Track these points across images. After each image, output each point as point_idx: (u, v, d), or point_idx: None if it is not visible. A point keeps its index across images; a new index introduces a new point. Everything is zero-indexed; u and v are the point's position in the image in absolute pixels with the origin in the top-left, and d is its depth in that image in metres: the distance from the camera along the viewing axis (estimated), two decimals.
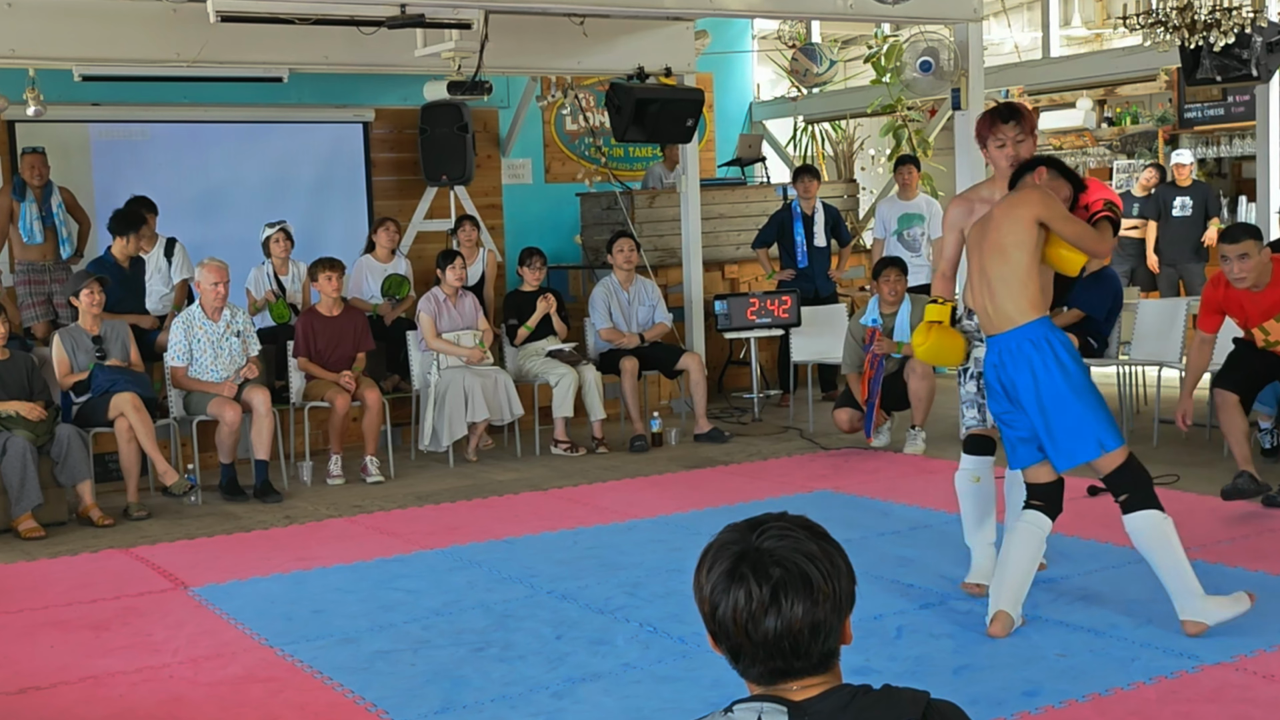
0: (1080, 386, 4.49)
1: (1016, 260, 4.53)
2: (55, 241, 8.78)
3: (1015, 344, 4.53)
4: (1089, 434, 4.47)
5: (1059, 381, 4.47)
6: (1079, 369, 4.52)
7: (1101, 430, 4.48)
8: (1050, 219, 4.53)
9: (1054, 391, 4.47)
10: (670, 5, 8.42)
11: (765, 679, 1.82)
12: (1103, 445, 4.48)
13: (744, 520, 1.87)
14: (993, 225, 4.64)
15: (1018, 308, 4.53)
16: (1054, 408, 4.47)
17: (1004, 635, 4.54)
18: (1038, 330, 4.52)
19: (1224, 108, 12.05)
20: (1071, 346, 4.56)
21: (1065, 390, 4.47)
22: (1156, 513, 4.47)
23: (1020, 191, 4.68)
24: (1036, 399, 4.49)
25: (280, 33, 7.97)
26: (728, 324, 9.58)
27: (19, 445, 6.79)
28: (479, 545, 6.25)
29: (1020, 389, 4.54)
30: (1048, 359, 4.48)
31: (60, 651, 4.88)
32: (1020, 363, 4.52)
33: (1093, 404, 4.49)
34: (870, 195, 13.08)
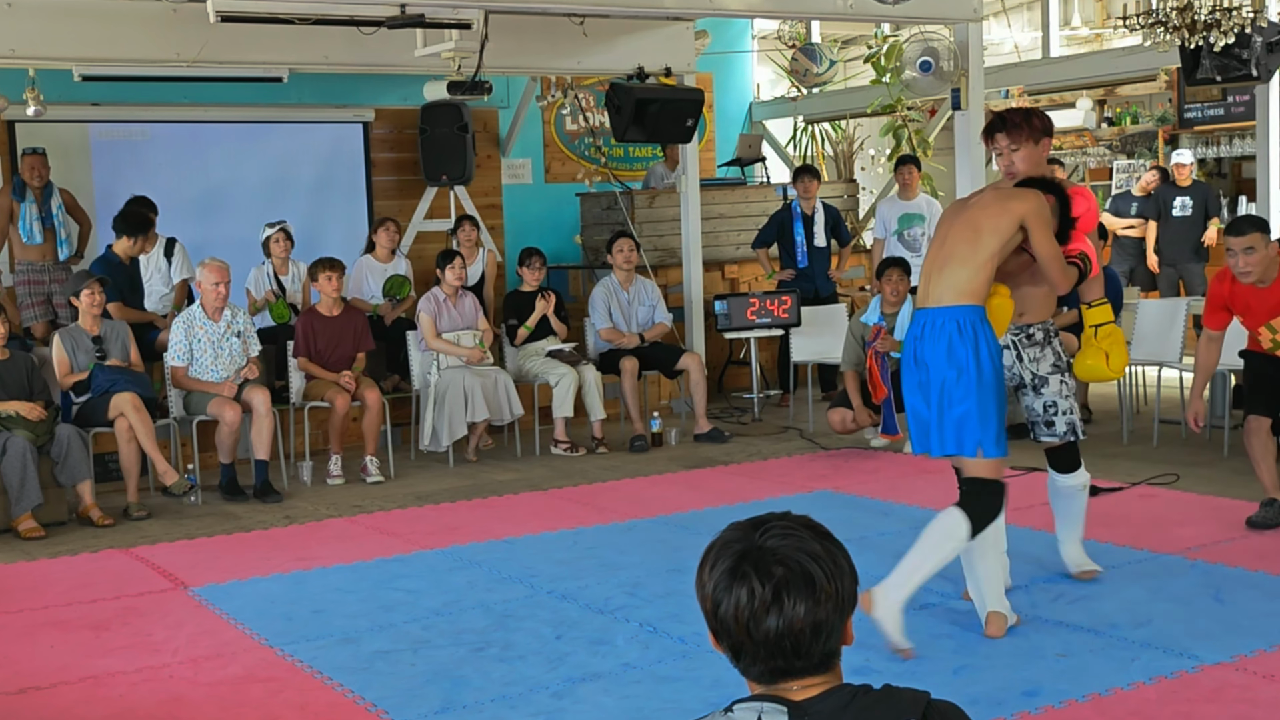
0: (987, 385, 4.44)
1: (984, 244, 4.47)
2: (54, 242, 8.79)
3: (941, 320, 4.48)
4: (976, 431, 4.44)
5: (970, 371, 4.42)
6: (993, 370, 4.46)
7: (988, 435, 4.45)
8: (1035, 227, 4.49)
9: (965, 377, 4.42)
10: (670, 5, 8.42)
11: (766, 678, 1.82)
12: (983, 449, 4.47)
13: (747, 519, 1.87)
14: (977, 204, 4.62)
15: (958, 289, 4.47)
16: (955, 393, 4.43)
17: (1002, 634, 4.53)
18: (967, 315, 4.46)
19: (1224, 108, 12.05)
20: (996, 345, 4.50)
21: (972, 382, 4.42)
22: (966, 529, 4.40)
23: (1023, 188, 4.65)
24: (941, 379, 4.45)
25: (280, 33, 7.97)
26: (728, 324, 9.58)
27: (19, 445, 6.79)
28: (479, 545, 6.24)
29: (931, 366, 4.48)
30: (968, 346, 4.42)
31: (60, 651, 4.88)
32: (939, 340, 4.46)
33: (991, 407, 4.45)
34: (870, 195, 13.09)
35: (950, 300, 4.48)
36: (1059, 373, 4.91)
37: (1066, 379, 4.94)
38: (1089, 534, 5.89)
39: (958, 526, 4.42)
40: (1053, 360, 4.91)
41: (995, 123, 4.85)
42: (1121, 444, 8.15)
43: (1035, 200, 4.55)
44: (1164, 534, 5.92)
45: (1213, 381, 8.53)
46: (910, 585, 4.42)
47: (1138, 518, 6.27)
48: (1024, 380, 4.93)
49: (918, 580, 4.44)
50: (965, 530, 4.42)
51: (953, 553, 4.45)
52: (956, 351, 4.43)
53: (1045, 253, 4.52)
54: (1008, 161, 4.80)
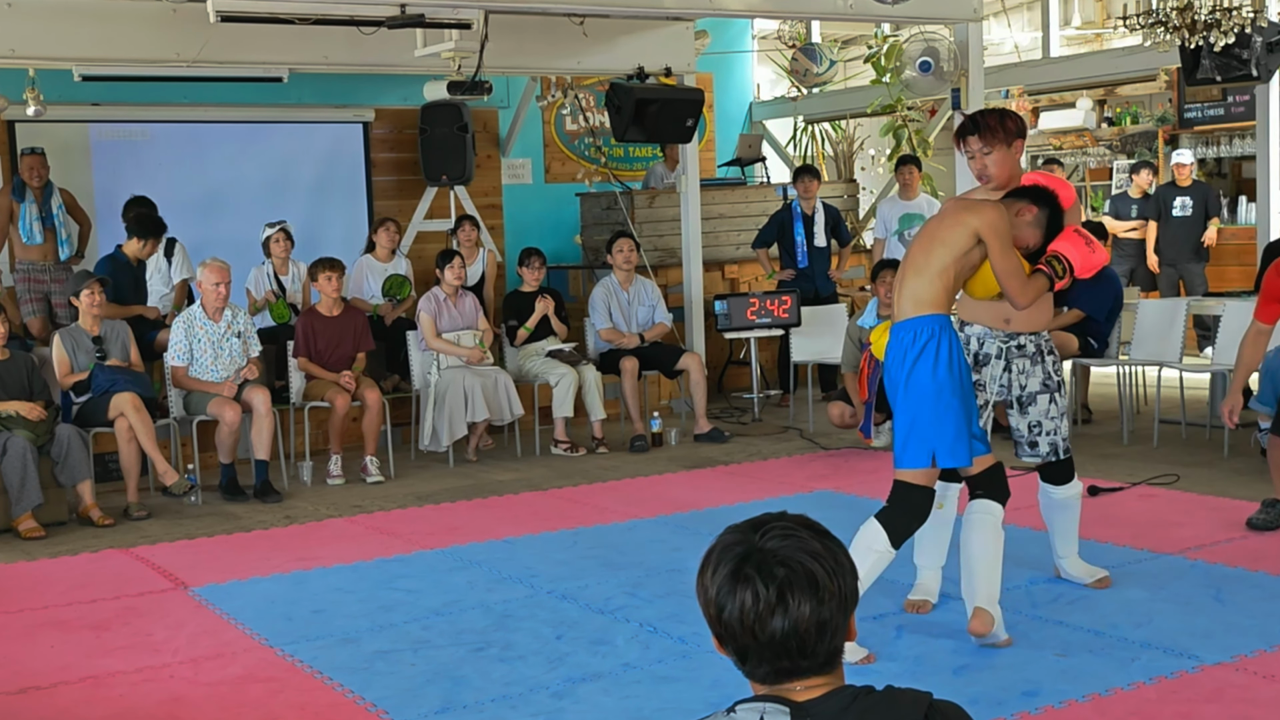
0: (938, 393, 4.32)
1: (936, 255, 4.38)
2: (55, 242, 8.79)
3: (902, 333, 4.41)
4: (912, 442, 4.37)
5: (919, 380, 4.34)
6: (949, 376, 4.34)
7: (942, 444, 4.34)
8: (990, 240, 4.36)
9: (911, 387, 4.35)
10: (670, 5, 8.42)
11: (771, 679, 1.82)
12: (908, 459, 4.39)
13: (745, 521, 1.87)
14: (938, 215, 4.58)
15: (916, 299, 4.39)
16: (904, 401, 4.38)
17: (985, 632, 4.45)
18: (925, 325, 4.37)
19: (1224, 108, 12.05)
20: (957, 352, 4.38)
21: (918, 392, 4.34)
22: (885, 539, 4.36)
23: (981, 201, 4.54)
24: (904, 387, 4.39)
25: (280, 33, 7.97)
26: (728, 324, 9.57)
27: (19, 445, 6.79)
28: (479, 545, 6.24)
29: (893, 374, 4.44)
30: (917, 356, 4.34)
31: (60, 651, 4.88)
32: (895, 350, 4.41)
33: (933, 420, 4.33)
34: (870, 195, 13.09)
35: (910, 312, 4.40)
36: (1048, 392, 4.83)
37: (1057, 399, 4.86)
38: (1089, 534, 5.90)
39: (874, 537, 4.38)
40: (1042, 379, 4.83)
41: (967, 124, 4.71)
42: (1121, 444, 8.15)
43: (992, 213, 4.40)
44: (1164, 534, 5.92)
45: (1212, 381, 8.54)
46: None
47: (1138, 518, 6.27)
48: (1011, 395, 4.86)
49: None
50: (884, 540, 4.36)
51: (877, 565, 4.37)
52: (907, 363, 4.36)
53: (1000, 267, 4.39)
54: (980, 165, 4.67)
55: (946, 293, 4.40)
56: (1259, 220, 10.09)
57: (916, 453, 4.37)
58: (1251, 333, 5.98)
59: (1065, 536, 5.18)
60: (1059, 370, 4.92)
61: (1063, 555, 5.22)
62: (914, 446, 4.37)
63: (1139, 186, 11.30)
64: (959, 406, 4.36)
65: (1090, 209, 13.13)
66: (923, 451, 4.36)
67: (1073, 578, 5.19)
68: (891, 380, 4.47)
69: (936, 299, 4.37)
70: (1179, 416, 8.43)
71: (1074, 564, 5.20)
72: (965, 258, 4.40)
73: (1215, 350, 8.23)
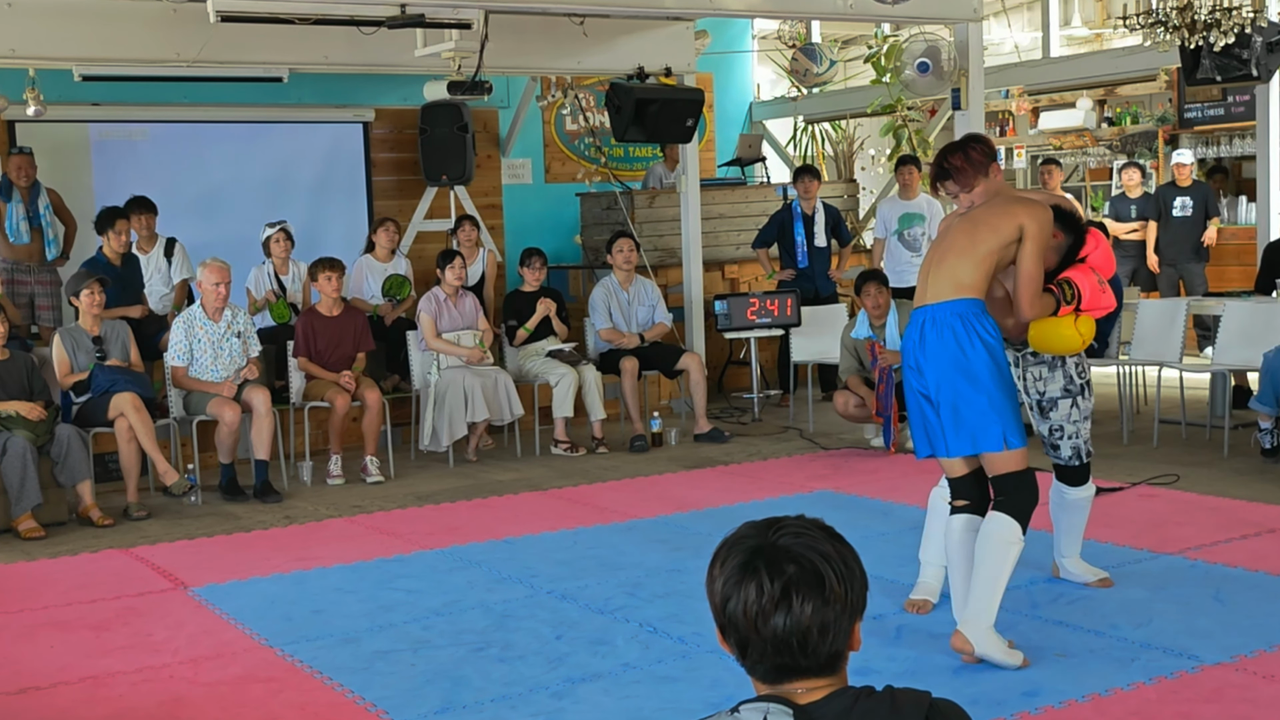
0: (998, 376, 4.32)
1: (982, 240, 4.36)
2: (41, 242, 8.71)
3: (944, 316, 4.36)
4: (995, 424, 4.31)
5: (983, 361, 4.30)
6: (1005, 361, 4.38)
7: (1009, 425, 4.32)
8: (1030, 240, 4.33)
9: (975, 370, 4.30)
10: (670, 5, 8.42)
11: (771, 676, 1.82)
12: (1007, 441, 4.32)
13: (762, 519, 1.88)
14: (983, 205, 4.48)
15: (957, 282, 4.35)
16: (969, 387, 4.31)
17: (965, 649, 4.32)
18: (970, 307, 4.35)
19: (1224, 108, 12.05)
20: (998, 336, 4.38)
21: (987, 372, 4.30)
22: (1017, 529, 4.32)
23: (1034, 200, 4.51)
24: (952, 372, 4.33)
25: (280, 33, 7.97)
26: (728, 324, 9.57)
27: (19, 445, 6.79)
28: (479, 545, 6.24)
29: (932, 360, 4.36)
30: (974, 338, 4.32)
31: (60, 651, 4.88)
32: (944, 334, 4.35)
33: (1008, 398, 4.34)
34: (870, 195, 13.09)
35: (949, 294, 4.36)
36: (1070, 397, 4.81)
37: (1079, 403, 4.83)
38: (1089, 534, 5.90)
39: (1009, 535, 4.33)
40: (1064, 384, 4.80)
41: (938, 173, 4.64)
42: (1121, 444, 8.15)
43: (1042, 215, 4.39)
44: (1164, 534, 5.92)
45: (1212, 381, 8.55)
46: (992, 607, 4.33)
47: (1138, 518, 6.27)
48: (1029, 399, 4.84)
49: (997, 598, 4.34)
50: (1016, 532, 4.34)
51: (1016, 557, 4.36)
52: (964, 346, 4.32)
53: (1026, 269, 4.37)
54: (967, 202, 4.58)
55: (986, 280, 4.40)
56: (1259, 220, 10.09)
57: (1019, 430, 4.36)
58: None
59: (1071, 536, 5.18)
60: (1084, 373, 4.85)
61: (1065, 554, 5.21)
62: (1014, 424, 4.34)
63: (1128, 185, 11.30)
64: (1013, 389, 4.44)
65: (1090, 209, 13.14)
66: (1021, 429, 4.38)
67: (1074, 577, 5.18)
68: (934, 359, 4.36)
69: (977, 284, 4.37)
70: (1179, 416, 8.43)
71: (1076, 564, 5.20)
72: (1007, 249, 4.39)
73: (1215, 350, 8.23)
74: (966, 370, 4.33)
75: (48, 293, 8.79)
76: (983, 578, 4.34)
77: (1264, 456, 7.37)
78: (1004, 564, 4.33)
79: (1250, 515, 6.20)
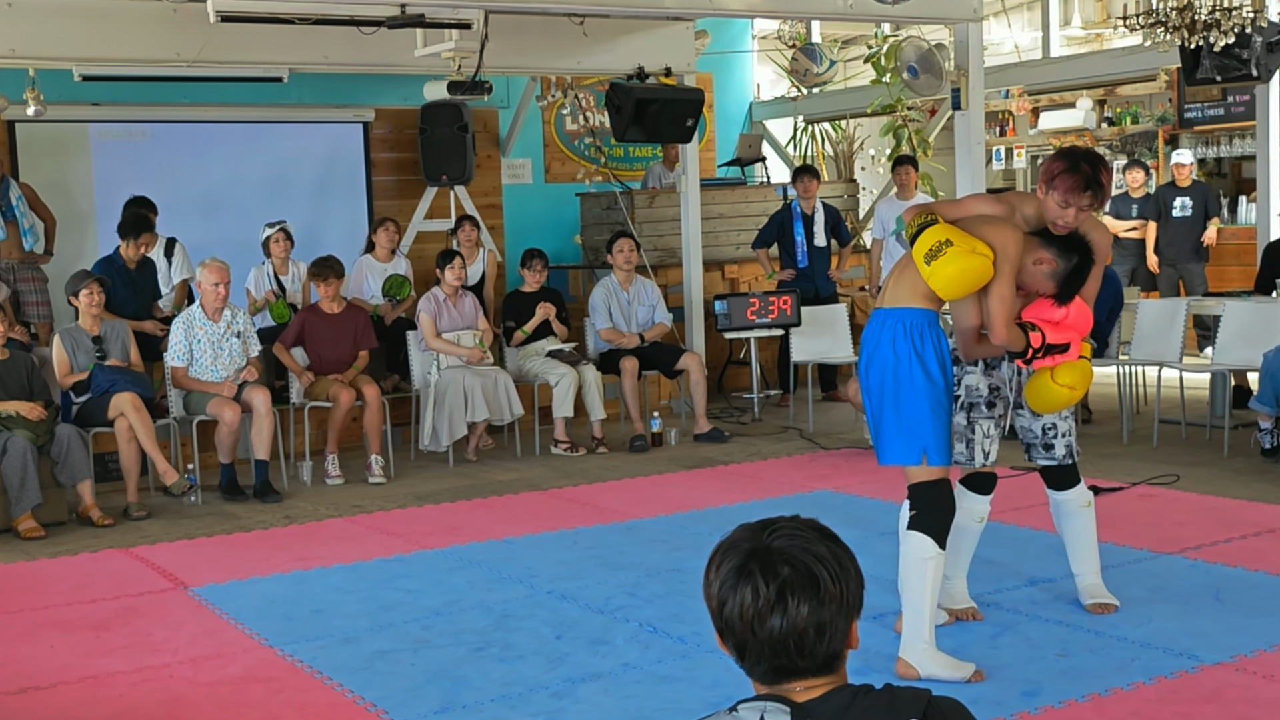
0: (933, 390, 4.28)
1: None
2: (18, 234, 8.42)
3: (891, 322, 4.34)
4: (917, 440, 4.28)
5: (917, 375, 4.27)
6: (942, 378, 4.30)
7: (931, 441, 4.28)
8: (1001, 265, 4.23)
9: (907, 383, 4.28)
10: (670, 5, 8.42)
11: (769, 677, 1.83)
12: (927, 456, 4.29)
13: (756, 521, 1.89)
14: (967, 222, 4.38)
15: (914, 291, 4.31)
16: (897, 396, 4.28)
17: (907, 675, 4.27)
18: (919, 318, 4.31)
19: (1224, 108, 12.05)
20: (946, 354, 4.33)
21: (920, 387, 4.27)
22: (932, 544, 4.27)
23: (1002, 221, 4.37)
24: (884, 380, 4.31)
25: (280, 33, 7.97)
26: (728, 324, 9.57)
27: (19, 445, 6.78)
28: (479, 545, 6.24)
29: (874, 365, 4.35)
30: (912, 350, 4.28)
31: (60, 651, 4.88)
32: (884, 340, 4.33)
33: (934, 413, 4.28)
34: (870, 195, 13.09)
35: (904, 302, 4.33)
36: None
37: None
38: None
39: (923, 551, 4.27)
40: None
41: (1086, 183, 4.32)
42: (1121, 444, 8.15)
43: (1009, 237, 4.26)
44: (1164, 534, 5.92)
45: (1212, 381, 8.55)
46: (925, 626, 4.27)
47: (1138, 518, 6.27)
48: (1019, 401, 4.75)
49: (928, 618, 4.29)
50: (931, 546, 4.27)
51: (937, 572, 4.31)
52: (901, 355, 4.30)
53: (994, 291, 4.27)
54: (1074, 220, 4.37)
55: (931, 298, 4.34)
56: (1259, 220, 10.09)
57: (908, 450, 4.31)
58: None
59: (1083, 548, 4.90)
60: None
61: (1080, 571, 4.91)
62: (905, 443, 4.31)
63: (1132, 186, 11.30)
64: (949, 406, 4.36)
65: None
66: (946, 449, 4.33)
67: (1095, 597, 4.86)
68: (875, 364, 4.35)
69: (932, 295, 4.32)
70: (1179, 416, 8.43)
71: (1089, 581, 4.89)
72: None
73: (1215, 350, 8.24)
74: (896, 380, 4.31)
75: (32, 289, 8.58)
76: (909, 600, 4.30)
77: (1264, 456, 7.38)
78: (925, 582, 4.27)
79: (1250, 515, 6.21)
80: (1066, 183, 4.34)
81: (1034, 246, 4.39)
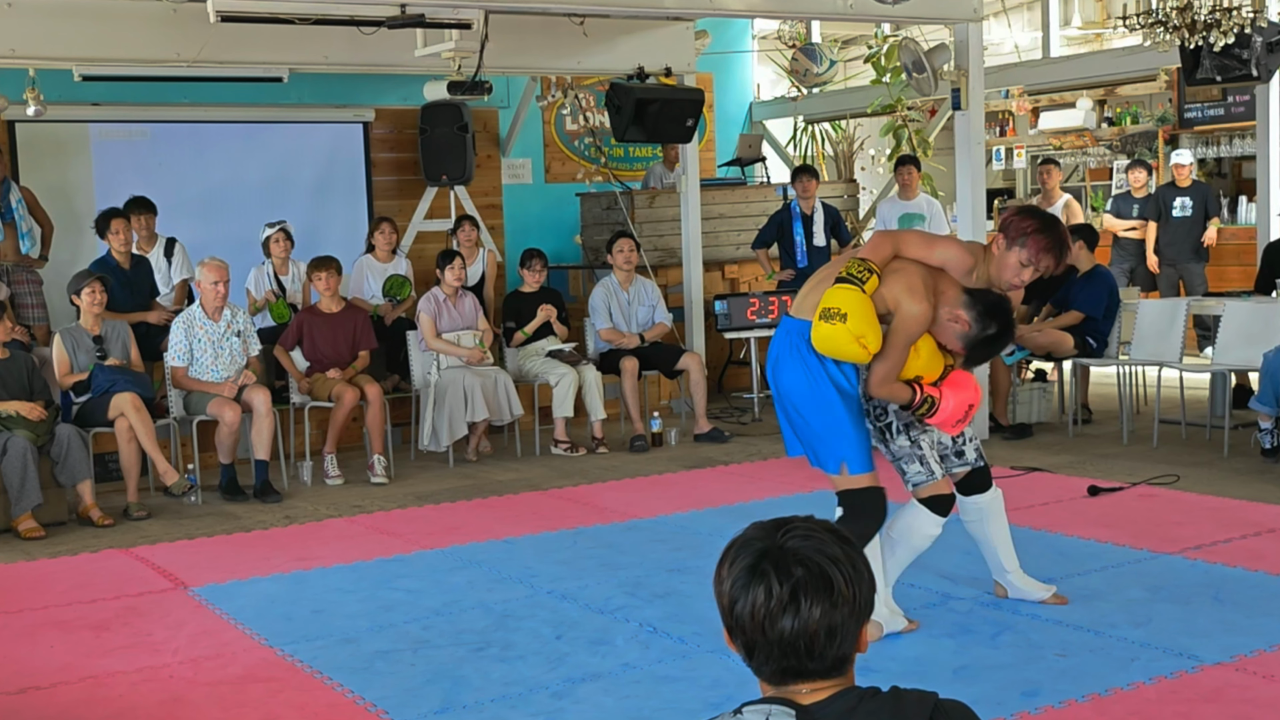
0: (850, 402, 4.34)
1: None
2: (15, 238, 8.45)
3: (795, 335, 4.39)
4: (835, 450, 4.35)
5: (828, 388, 4.33)
6: (850, 388, 4.34)
7: (850, 451, 4.34)
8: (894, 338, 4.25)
9: (820, 396, 4.34)
10: (670, 5, 8.42)
11: (777, 678, 1.82)
12: (846, 464, 4.35)
13: (770, 519, 1.88)
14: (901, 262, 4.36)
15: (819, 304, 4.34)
16: (818, 411, 4.35)
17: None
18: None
19: (1224, 108, 12.05)
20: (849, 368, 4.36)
21: (833, 399, 4.33)
22: None
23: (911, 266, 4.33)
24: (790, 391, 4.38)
25: (280, 33, 7.97)
26: (728, 324, 9.57)
27: (19, 445, 6.78)
28: (479, 545, 6.24)
29: (782, 373, 4.40)
30: (821, 363, 4.34)
31: (60, 651, 4.88)
32: (792, 352, 4.38)
33: (855, 425, 4.34)
34: (870, 195, 13.09)
35: (810, 315, 4.34)
36: None
37: None
38: (1090, 534, 5.91)
39: None
40: None
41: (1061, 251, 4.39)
42: (1121, 444, 8.15)
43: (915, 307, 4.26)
44: (1164, 534, 5.92)
45: (1212, 381, 8.55)
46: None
47: (1138, 518, 6.27)
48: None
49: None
50: None
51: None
52: (811, 365, 4.34)
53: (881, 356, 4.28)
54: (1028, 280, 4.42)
55: None
56: (1259, 220, 10.09)
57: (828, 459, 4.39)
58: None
59: (1006, 548, 4.91)
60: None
61: (1009, 570, 4.93)
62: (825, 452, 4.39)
63: (1134, 186, 11.30)
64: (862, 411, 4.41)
65: (1090, 209, 13.14)
66: (834, 459, 4.39)
67: (1024, 595, 4.90)
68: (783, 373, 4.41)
69: None
70: (1179, 416, 8.43)
71: (1023, 579, 4.93)
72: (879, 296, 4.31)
73: (1215, 350, 8.24)
74: (811, 393, 4.36)
75: (28, 292, 8.57)
76: None
77: (1264, 456, 7.37)
78: None
79: (1250, 515, 6.20)
80: (1040, 243, 4.35)
81: (956, 304, 4.34)
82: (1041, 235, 4.35)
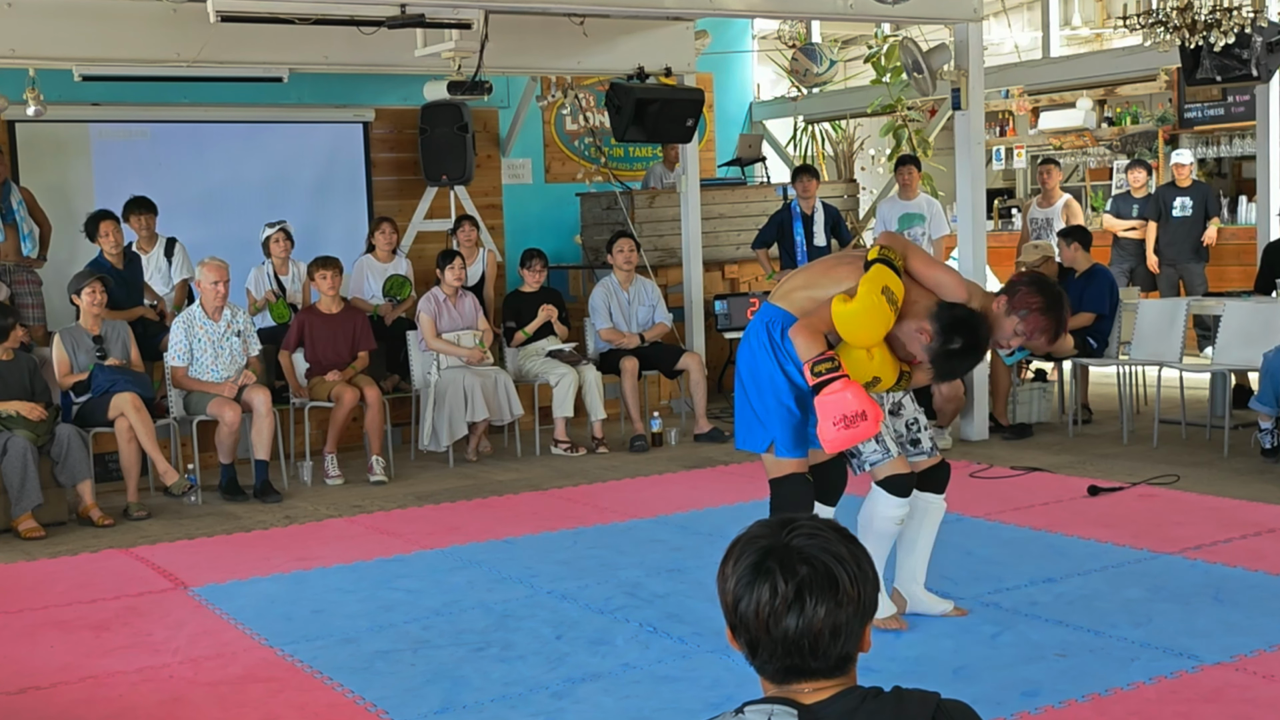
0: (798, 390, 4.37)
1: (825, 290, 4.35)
2: (16, 239, 8.47)
3: (761, 319, 4.49)
4: (766, 431, 4.47)
5: (776, 373, 4.41)
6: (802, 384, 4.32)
7: (781, 434, 4.43)
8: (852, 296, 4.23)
9: (766, 377, 4.44)
10: (670, 5, 8.42)
11: (780, 677, 1.82)
12: (774, 444, 4.46)
13: (775, 517, 1.87)
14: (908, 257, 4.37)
15: (793, 298, 4.43)
16: (751, 388, 4.48)
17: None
18: (780, 317, 4.42)
19: (1224, 108, 12.05)
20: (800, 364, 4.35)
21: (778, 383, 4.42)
22: None
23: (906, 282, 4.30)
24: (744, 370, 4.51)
25: (280, 33, 7.97)
26: (728, 324, 9.57)
27: (19, 445, 6.78)
28: (479, 545, 6.24)
29: (742, 354, 4.55)
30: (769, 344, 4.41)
31: (60, 651, 4.88)
32: (754, 335, 4.48)
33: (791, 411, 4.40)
34: (870, 195, 13.09)
35: (781, 303, 4.47)
36: (908, 392, 4.71)
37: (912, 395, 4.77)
38: (1089, 534, 5.91)
39: None
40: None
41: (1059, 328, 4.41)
42: (1121, 444, 8.15)
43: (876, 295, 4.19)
44: (1164, 534, 5.92)
45: (1212, 381, 8.55)
46: None
47: (1138, 518, 6.27)
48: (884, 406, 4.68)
49: None
50: None
51: None
52: (765, 350, 4.44)
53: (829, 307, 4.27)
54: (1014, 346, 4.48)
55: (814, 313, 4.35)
56: (1259, 220, 10.09)
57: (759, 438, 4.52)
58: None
59: (923, 559, 4.82)
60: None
61: (917, 580, 4.82)
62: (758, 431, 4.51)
63: (1134, 185, 11.30)
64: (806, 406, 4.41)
65: (1090, 209, 13.14)
66: (764, 438, 4.52)
67: (925, 609, 4.80)
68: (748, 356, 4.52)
69: (804, 307, 4.39)
70: (1179, 416, 8.43)
71: (925, 594, 4.84)
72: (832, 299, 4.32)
73: (1215, 350, 8.24)
74: (754, 373, 4.49)
75: (27, 292, 8.58)
76: None
77: (1264, 456, 7.38)
78: None
79: (1250, 515, 6.21)
80: (1038, 323, 4.33)
81: (924, 315, 4.29)
82: (1043, 316, 4.32)
